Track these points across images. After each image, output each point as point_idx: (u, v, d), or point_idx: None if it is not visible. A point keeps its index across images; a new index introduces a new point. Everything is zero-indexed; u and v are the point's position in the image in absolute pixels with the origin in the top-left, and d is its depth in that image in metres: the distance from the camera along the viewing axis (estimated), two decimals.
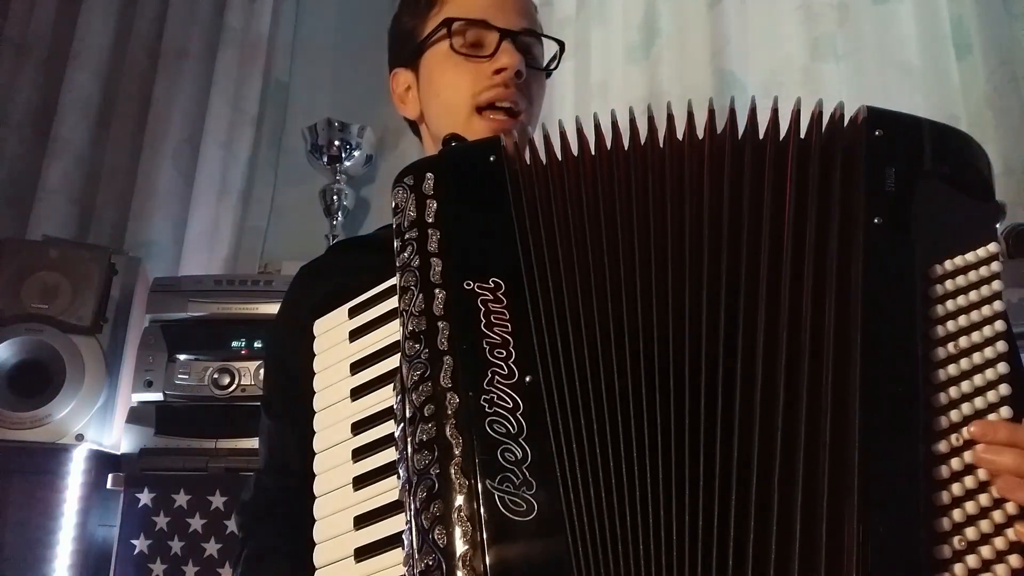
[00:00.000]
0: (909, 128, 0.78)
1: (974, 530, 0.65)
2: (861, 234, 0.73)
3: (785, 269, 0.73)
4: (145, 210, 2.46)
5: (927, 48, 2.04)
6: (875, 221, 0.73)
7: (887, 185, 0.74)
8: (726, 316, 0.72)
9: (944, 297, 0.72)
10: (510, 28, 1.03)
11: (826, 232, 0.74)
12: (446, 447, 0.68)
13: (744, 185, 0.77)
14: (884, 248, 0.72)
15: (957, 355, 0.70)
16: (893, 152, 0.76)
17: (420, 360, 0.72)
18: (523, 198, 0.78)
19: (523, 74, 1.02)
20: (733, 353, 0.71)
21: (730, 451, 0.68)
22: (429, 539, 0.65)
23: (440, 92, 1.06)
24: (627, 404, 0.70)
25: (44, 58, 2.65)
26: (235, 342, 1.95)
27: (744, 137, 0.78)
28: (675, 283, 0.74)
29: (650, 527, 0.67)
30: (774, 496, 0.67)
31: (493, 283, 0.74)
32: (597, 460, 0.68)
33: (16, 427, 1.90)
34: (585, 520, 0.66)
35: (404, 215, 0.79)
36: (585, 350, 0.72)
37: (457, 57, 1.03)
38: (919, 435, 0.67)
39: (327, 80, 2.64)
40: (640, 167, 0.78)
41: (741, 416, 0.69)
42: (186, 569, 1.76)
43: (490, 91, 1.01)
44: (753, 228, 0.75)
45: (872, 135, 0.76)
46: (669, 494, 0.68)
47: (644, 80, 2.26)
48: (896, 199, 0.74)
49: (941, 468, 0.66)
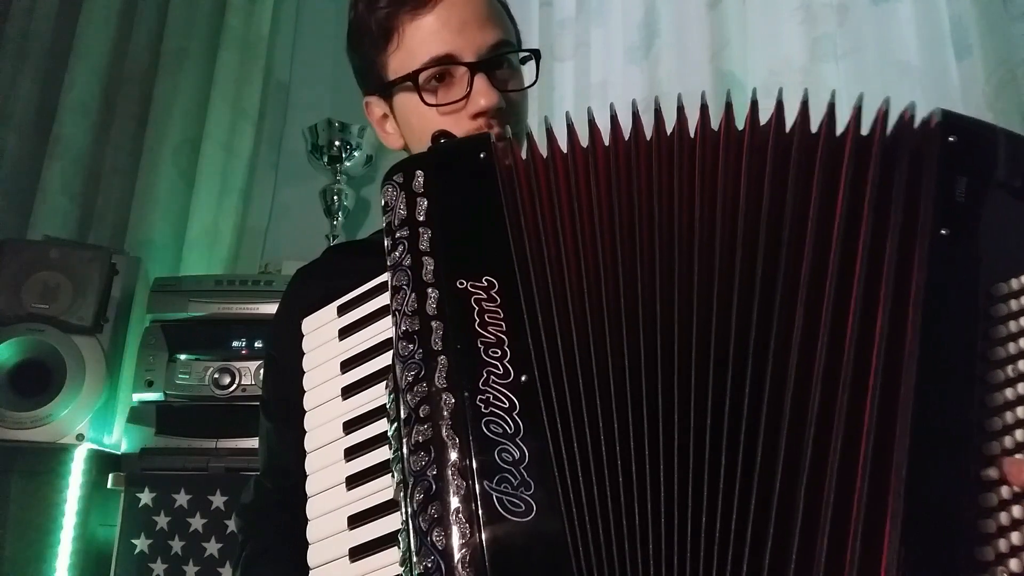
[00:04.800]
0: (984, 136, 0.74)
1: (1018, 562, 0.62)
2: (926, 244, 0.69)
3: (832, 271, 0.70)
4: (145, 210, 2.45)
5: (927, 48, 2.03)
6: (942, 232, 0.69)
7: (957, 195, 0.71)
8: (747, 313, 0.70)
9: (1007, 317, 0.68)
10: (479, 57, 0.97)
11: (882, 237, 0.71)
12: (442, 448, 0.67)
13: (785, 180, 0.73)
14: (948, 262, 0.69)
15: (1016, 379, 0.67)
16: (966, 161, 0.72)
17: (414, 360, 0.71)
18: (515, 195, 0.77)
19: (504, 108, 0.97)
20: (747, 350, 0.69)
21: (736, 449, 0.68)
22: (427, 541, 0.65)
23: (420, 136, 0.99)
24: (624, 402, 0.70)
25: (44, 58, 2.64)
26: (235, 342, 1.95)
27: (792, 130, 0.75)
28: (681, 279, 0.73)
29: (649, 526, 0.67)
30: (775, 497, 0.66)
31: (486, 282, 0.73)
32: (595, 458, 0.68)
33: (16, 427, 1.90)
34: (585, 519, 0.66)
35: (394, 213, 0.78)
36: (580, 348, 0.71)
37: (431, 107, 0.98)
38: (970, 459, 0.64)
39: (327, 80, 2.64)
40: (640, 162, 0.77)
41: (751, 417, 0.68)
42: (187, 569, 1.76)
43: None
44: (793, 225, 0.72)
45: (946, 141, 0.72)
46: (671, 493, 0.67)
47: (644, 80, 2.25)
48: (965, 211, 0.70)
49: (990, 495, 0.64)
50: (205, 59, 2.60)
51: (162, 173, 2.50)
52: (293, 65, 2.74)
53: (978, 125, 0.75)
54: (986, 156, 0.73)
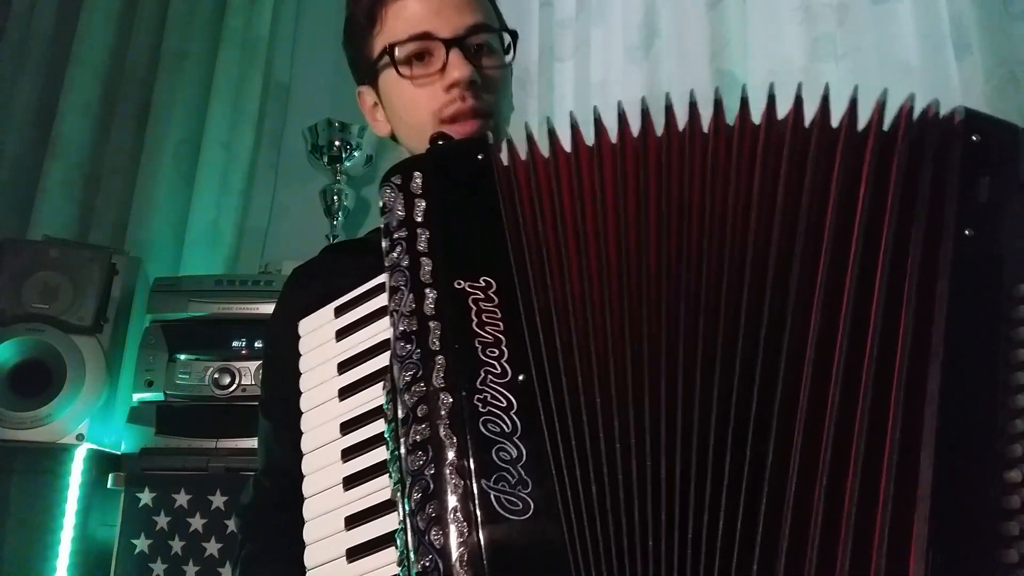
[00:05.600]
0: (1007, 136, 0.74)
1: None
2: (951, 245, 0.69)
3: (852, 271, 0.70)
4: (145, 210, 2.45)
5: (927, 48, 2.03)
6: (966, 233, 0.69)
7: (980, 196, 0.70)
8: (757, 313, 0.70)
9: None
10: (455, 35, 0.99)
11: (906, 236, 0.70)
12: (440, 447, 0.67)
13: (802, 178, 0.72)
14: (972, 262, 0.68)
15: None
16: (990, 160, 0.71)
17: (412, 360, 0.71)
18: (514, 195, 0.77)
19: (477, 82, 0.99)
20: (756, 351, 0.69)
21: (743, 450, 0.67)
22: (425, 540, 0.65)
23: (402, 115, 1.04)
24: (625, 400, 0.69)
25: (44, 58, 2.64)
26: (236, 342, 1.95)
27: (812, 125, 0.75)
28: (677, 277, 0.72)
29: (649, 524, 0.67)
30: (789, 501, 0.65)
31: (484, 282, 0.73)
32: (593, 457, 0.68)
33: (16, 427, 1.90)
34: (583, 517, 0.66)
35: (392, 214, 0.78)
36: (578, 346, 0.71)
37: (407, 80, 1.00)
38: (994, 462, 0.64)
39: (327, 80, 2.64)
40: (637, 159, 0.76)
41: (761, 419, 0.67)
42: (186, 569, 1.76)
43: (449, 107, 0.99)
44: (811, 223, 0.71)
45: (969, 139, 0.72)
46: (672, 490, 0.67)
47: (644, 80, 2.25)
48: (989, 212, 0.70)
49: (1013, 497, 0.64)
50: (205, 60, 2.60)
51: (162, 173, 2.49)
52: (293, 65, 2.74)
53: (1001, 125, 0.74)
54: (1009, 156, 0.72)
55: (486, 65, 1.02)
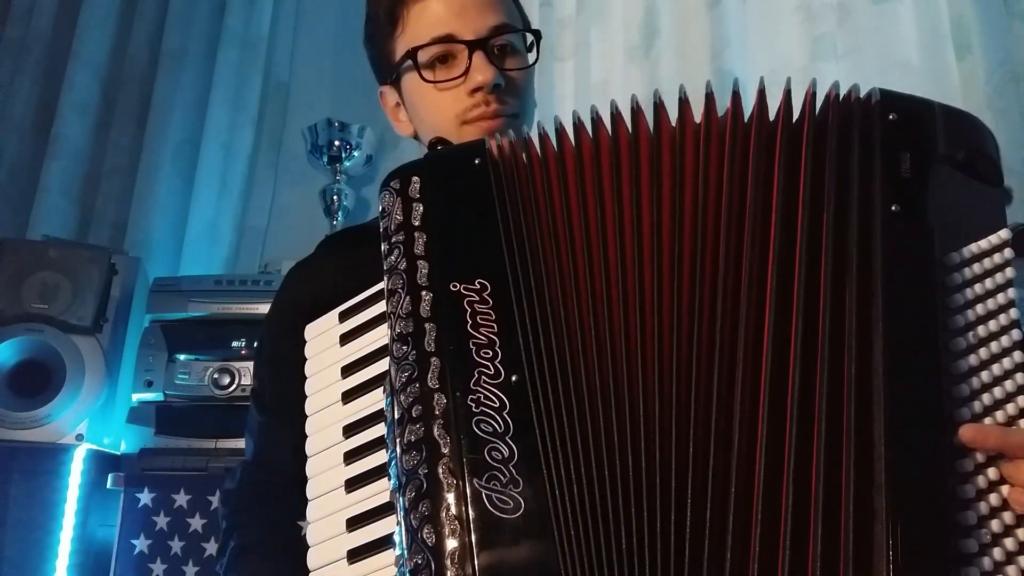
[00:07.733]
0: (922, 112, 0.76)
1: (999, 523, 0.64)
2: (879, 222, 0.71)
3: (801, 257, 0.71)
4: (145, 210, 2.46)
5: (927, 48, 2.03)
6: (892, 209, 0.71)
7: (903, 171, 0.72)
8: (728, 307, 0.71)
9: (962, 285, 0.71)
10: (478, 36, 0.99)
11: (845, 218, 0.72)
12: (434, 447, 0.68)
13: (747, 169, 0.74)
14: (902, 237, 0.71)
15: (976, 344, 0.69)
16: (908, 137, 0.74)
17: (407, 362, 0.72)
18: (508, 199, 0.78)
19: (501, 85, 0.99)
20: (733, 344, 0.70)
21: (730, 445, 0.68)
22: (418, 538, 0.66)
23: (424, 117, 1.04)
24: (621, 401, 0.70)
25: (44, 58, 2.65)
26: (235, 342, 1.95)
27: (750, 119, 0.77)
28: (665, 277, 0.73)
29: (633, 524, 0.67)
30: (784, 491, 0.66)
31: (479, 284, 0.74)
32: (584, 457, 0.68)
33: (16, 427, 1.90)
34: (571, 517, 0.66)
35: (391, 218, 0.79)
36: (570, 348, 0.72)
37: (431, 84, 1.01)
38: (944, 427, 0.66)
39: (327, 80, 2.64)
40: (628, 161, 0.77)
41: (742, 409, 0.68)
42: (186, 569, 1.76)
43: (473, 110, 0.99)
44: (759, 215, 0.73)
45: (887, 119, 0.74)
46: (667, 493, 0.67)
47: (644, 80, 2.25)
48: (912, 186, 0.72)
49: (965, 461, 0.66)
50: (205, 59, 2.61)
51: (162, 173, 2.50)
52: (293, 65, 2.74)
53: (916, 101, 0.76)
54: (926, 131, 0.75)
55: (509, 66, 1.02)
